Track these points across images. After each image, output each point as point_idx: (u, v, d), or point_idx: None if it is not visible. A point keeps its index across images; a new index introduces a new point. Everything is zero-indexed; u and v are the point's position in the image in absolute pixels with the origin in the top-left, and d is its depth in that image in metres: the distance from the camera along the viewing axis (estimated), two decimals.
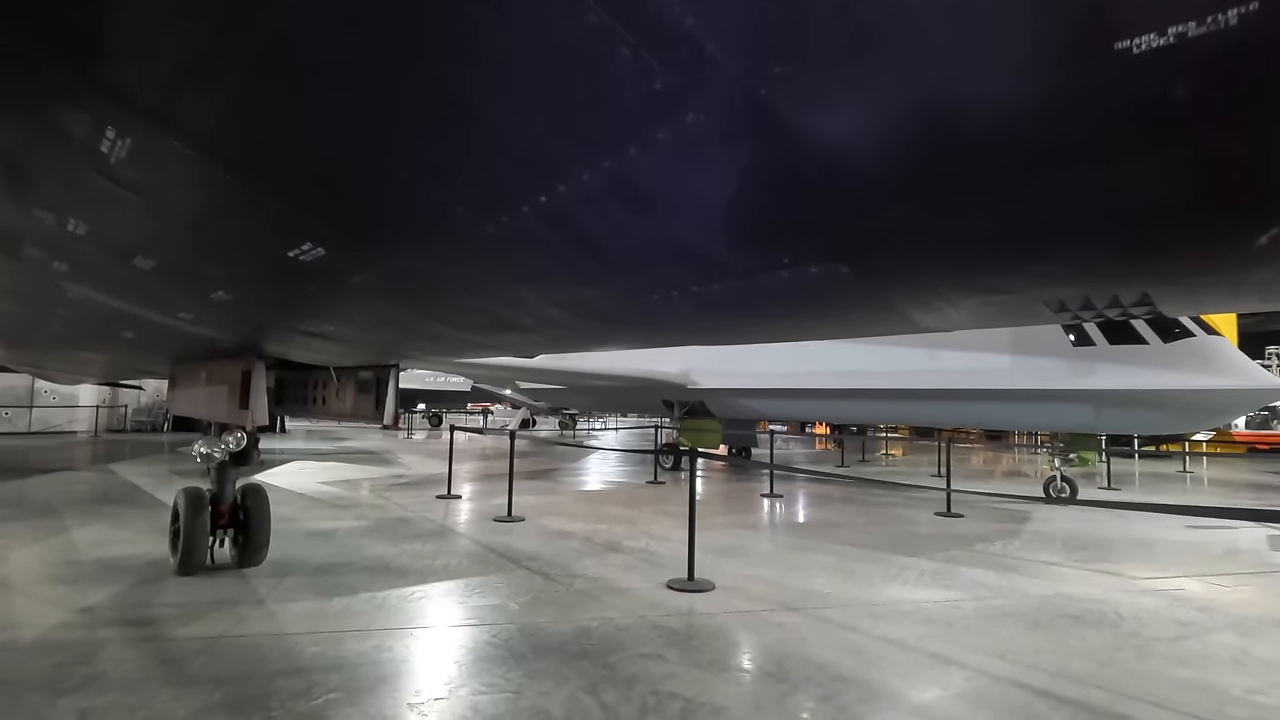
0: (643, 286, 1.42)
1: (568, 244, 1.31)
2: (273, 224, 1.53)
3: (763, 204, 1.05)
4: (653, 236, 1.22)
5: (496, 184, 1.18)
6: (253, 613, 4.12)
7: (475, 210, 1.28)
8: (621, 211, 1.16)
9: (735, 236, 1.14)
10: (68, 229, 1.90)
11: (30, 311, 3.63)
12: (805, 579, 5.33)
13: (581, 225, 1.23)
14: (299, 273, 1.79)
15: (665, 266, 1.31)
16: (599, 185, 1.10)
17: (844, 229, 1.04)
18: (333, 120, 1.13)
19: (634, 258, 1.31)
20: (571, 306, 1.67)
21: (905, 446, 22.44)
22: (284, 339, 2.89)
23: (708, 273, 1.29)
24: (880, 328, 1.58)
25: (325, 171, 1.26)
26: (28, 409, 18.55)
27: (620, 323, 1.81)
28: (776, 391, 12.05)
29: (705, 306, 1.46)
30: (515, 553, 5.97)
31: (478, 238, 1.36)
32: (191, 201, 1.54)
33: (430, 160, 1.17)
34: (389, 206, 1.32)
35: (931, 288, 1.18)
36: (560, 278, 1.48)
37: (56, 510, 7.43)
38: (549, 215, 1.22)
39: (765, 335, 2.14)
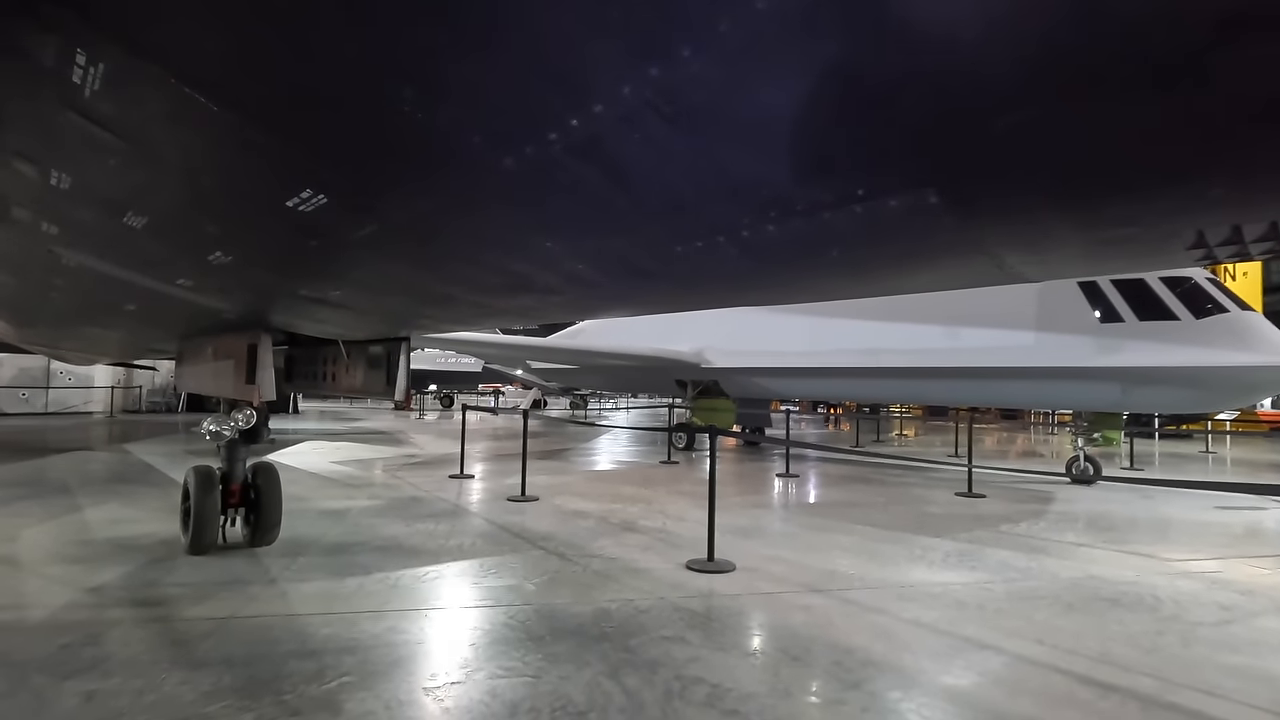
0: (684, 231, 1.25)
1: (600, 177, 1.14)
2: (267, 167, 1.36)
3: (839, 117, 0.88)
4: (701, 166, 1.05)
5: (521, 104, 1.01)
6: (264, 593, 4.03)
7: (495, 139, 1.10)
8: (665, 134, 0.99)
9: (801, 162, 0.96)
10: (51, 183, 1.75)
11: (28, 283, 3.50)
12: (827, 560, 5.19)
13: (617, 153, 1.06)
14: (300, 226, 1.63)
15: (713, 204, 1.13)
16: (639, 99, 0.93)
17: (940, 145, 0.86)
18: (325, 29, 0.96)
19: (676, 194, 1.13)
20: (599, 259, 1.50)
21: (919, 426, 22.21)
22: (289, 308, 2.74)
23: (763, 211, 1.11)
24: (960, 277, 1.40)
25: (322, 96, 1.09)
26: (44, 390, 18.67)
27: (653, 278, 1.63)
28: (792, 371, 11.86)
29: (756, 254, 1.29)
30: (530, 532, 5.87)
31: (496, 174, 1.19)
32: (177, 142, 1.38)
33: (442, 77, 1.00)
34: (395, 138, 1.15)
35: (1039, 223, 1.00)
36: (589, 222, 1.31)
37: (71, 489, 7.40)
38: (580, 142, 1.05)
39: (818, 291, 1.96)
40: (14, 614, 3.60)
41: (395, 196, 1.36)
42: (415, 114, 1.09)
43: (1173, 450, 16.14)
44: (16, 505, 6.49)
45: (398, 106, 1.08)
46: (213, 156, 1.40)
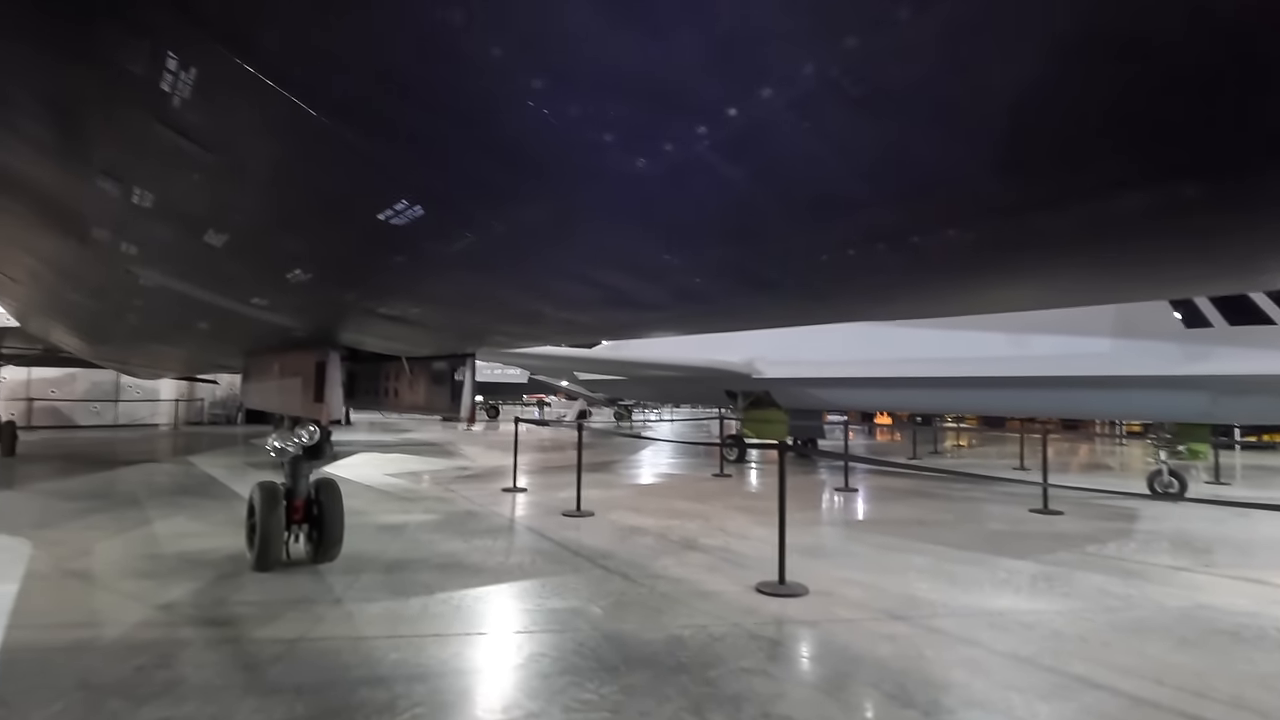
0: (837, 237, 1.08)
1: (747, 178, 0.98)
2: (363, 176, 1.25)
3: (1080, 94, 0.70)
4: (886, 159, 0.88)
5: (673, 94, 0.86)
6: (330, 613, 3.97)
7: (633, 136, 0.96)
8: (849, 121, 0.82)
9: (1028, 151, 0.79)
10: (133, 201, 1.68)
11: (104, 303, 3.53)
12: (904, 583, 4.90)
13: (779, 148, 0.90)
14: (388, 241, 1.52)
15: (887, 204, 0.96)
16: (822, 79, 0.77)
17: (1226, 122, 0.68)
18: (448, 18, 0.83)
19: (841, 194, 0.96)
20: (720, 271, 1.34)
21: (975, 437, 21.38)
22: (362, 325, 2.67)
23: (953, 211, 0.94)
24: (1189, 286, 1.19)
25: (438, 91, 0.96)
26: (114, 403, 19.47)
27: (776, 290, 1.46)
28: (847, 381, 11.49)
29: (927, 263, 1.11)
30: (589, 550, 5.72)
31: (625, 178, 1.05)
32: (268, 153, 1.28)
33: (580, 65, 0.86)
34: (514, 139, 1.02)
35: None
36: (721, 231, 1.16)
37: (140, 502, 7.59)
38: (736, 135, 0.89)
39: (982, 302, 1.75)
40: (90, 631, 3.61)
41: (502, 205, 1.23)
42: (542, 110, 0.95)
43: (1258, 462, 15.11)
44: (91, 518, 6.66)
45: (523, 102, 0.94)
46: (305, 166, 1.29)
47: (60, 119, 1.44)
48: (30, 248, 2.78)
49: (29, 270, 3.34)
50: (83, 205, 1.95)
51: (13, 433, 12.08)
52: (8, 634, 3.55)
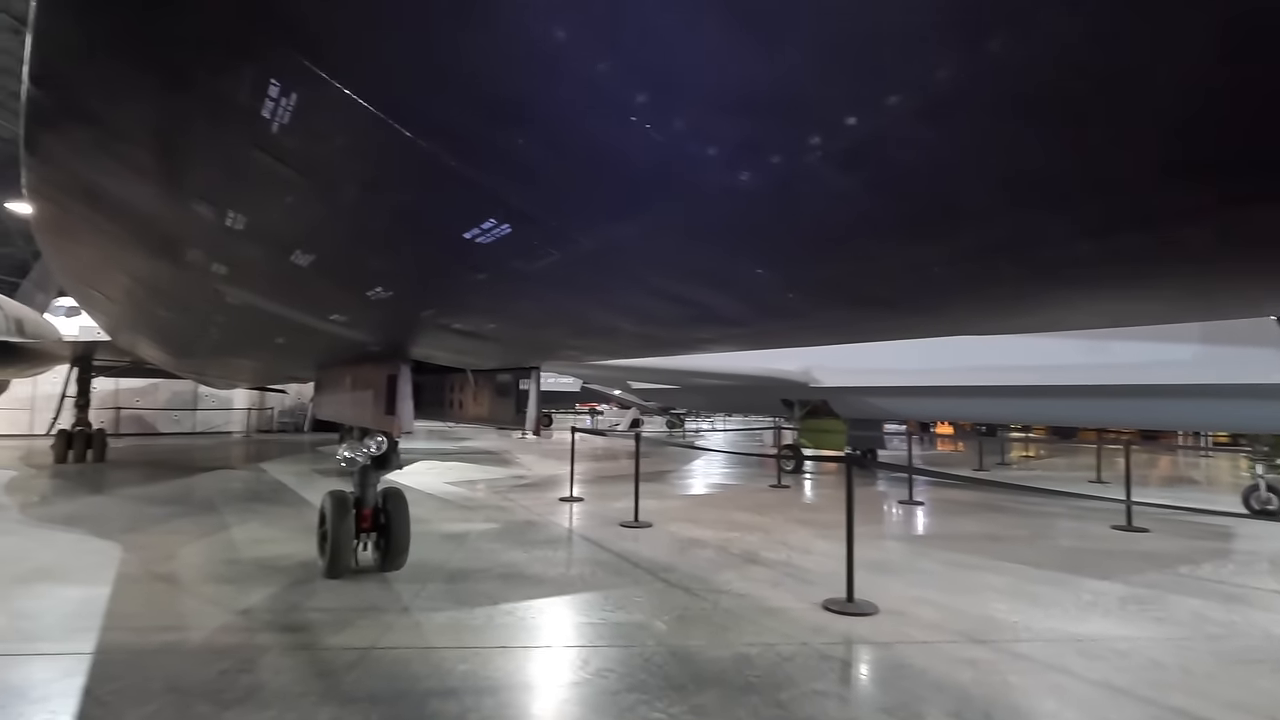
0: (962, 249, 1.01)
1: (864, 191, 0.93)
2: (453, 195, 1.24)
3: None
4: (1016, 163, 0.81)
5: (796, 101, 0.81)
6: (399, 621, 4.03)
7: (740, 149, 0.91)
8: (997, 126, 0.76)
9: (1187, 144, 0.71)
10: (226, 223, 1.73)
11: (190, 319, 3.70)
12: (980, 603, 4.67)
13: (907, 156, 0.84)
14: (471, 259, 1.52)
15: (1025, 217, 0.89)
16: (970, 76, 0.71)
17: None
18: (554, 34, 0.81)
19: (971, 204, 0.90)
20: (821, 288, 1.28)
21: (1044, 448, 20.42)
22: (435, 340, 2.70)
23: (1109, 219, 0.86)
24: None
25: (533, 107, 0.94)
26: (192, 411, 20.52)
27: (879, 306, 1.39)
28: (910, 390, 11.14)
29: (1066, 277, 1.03)
30: (649, 562, 5.67)
31: (728, 192, 1.00)
32: (359, 175, 1.29)
33: (686, 82, 0.82)
34: (614, 153, 0.99)
35: None
36: (829, 247, 1.10)
37: (217, 508, 7.93)
38: (860, 143, 0.84)
39: (1102, 316, 1.64)
40: (177, 635, 3.77)
41: (594, 222, 1.20)
42: (645, 125, 0.92)
43: None
44: (174, 523, 6.99)
45: (627, 117, 0.91)
46: (395, 187, 1.30)
47: (161, 146, 1.49)
48: (127, 268, 2.92)
49: (124, 289, 3.52)
50: (178, 228, 2.02)
51: (103, 440, 12.84)
52: (104, 635, 3.73)
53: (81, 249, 3.05)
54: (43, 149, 1.91)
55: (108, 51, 1.20)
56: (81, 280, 4.01)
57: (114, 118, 1.47)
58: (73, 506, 7.97)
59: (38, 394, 17.09)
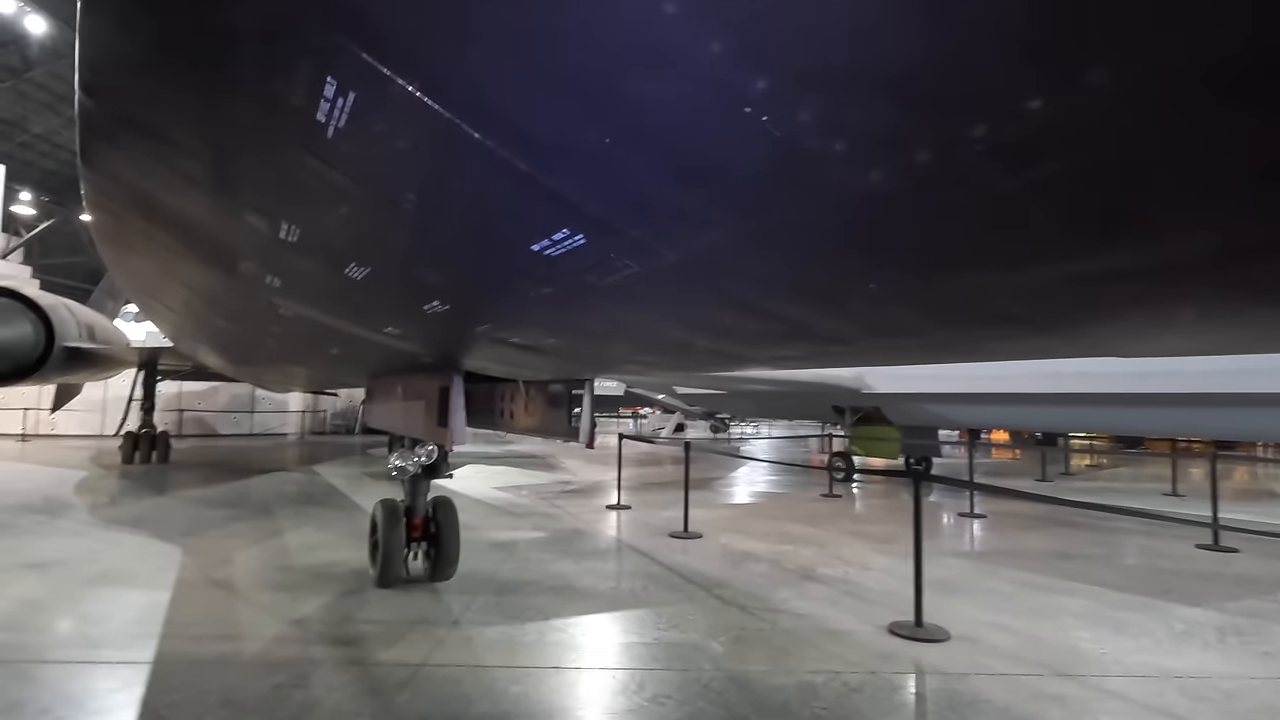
0: (1154, 263, 0.83)
1: (1029, 196, 0.75)
2: (525, 204, 1.12)
3: None
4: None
5: (933, 90, 0.65)
6: (450, 636, 3.96)
7: (876, 145, 0.75)
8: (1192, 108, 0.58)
9: None
10: (280, 235, 1.65)
11: (245, 330, 3.70)
12: (1061, 631, 4.35)
13: (1080, 139, 0.66)
14: (537, 272, 1.39)
15: (1245, 223, 0.71)
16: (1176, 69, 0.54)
17: None
18: (654, 27, 0.67)
19: (1185, 207, 0.72)
20: (950, 302, 1.11)
21: (1106, 457, 19.42)
22: (491, 353, 2.60)
23: None
24: None
25: (626, 97, 0.80)
26: (250, 414, 21.20)
27: (1029, 325, 1.20)
28: (970, 396, 10.67)
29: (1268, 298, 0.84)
30: (702, 577, 5.50)
31: (849, 196, 0.84)
32: (424, 184, 1.17)
33: (822, 64, 0.67)
34: (717, 150, 0.84)
35: None
36: (970, 256, 0.93)
37: (272, 511, 8.07)
38: (1018, 140, 0.67)
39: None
40: (232, 645, 3.77)
41: (684, 231, 1.06)
42: (761, 117, 0.76)
43: None
44: (231, 526, 7.13)
45: (740, 109, 0.76)
46: (463, 197, 1.18)
47: (215, 154, 1.41)
48: (183, 279, 2.91)
49: (181, 299, 3.54)
50: (232, 240, 1.96)
51: (167, 442, 13.31)
52: (163, 643, 3.75)
53: (140, 260, 3.06)
54: (98, 160, 1.87)
55: (157, 55, 1.12)
56: (142, 290, 4.07)
57: (166, 125, 1.39)
58: (137, 508, 8.23)
59: (108, 397, 17.88)
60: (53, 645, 3.71)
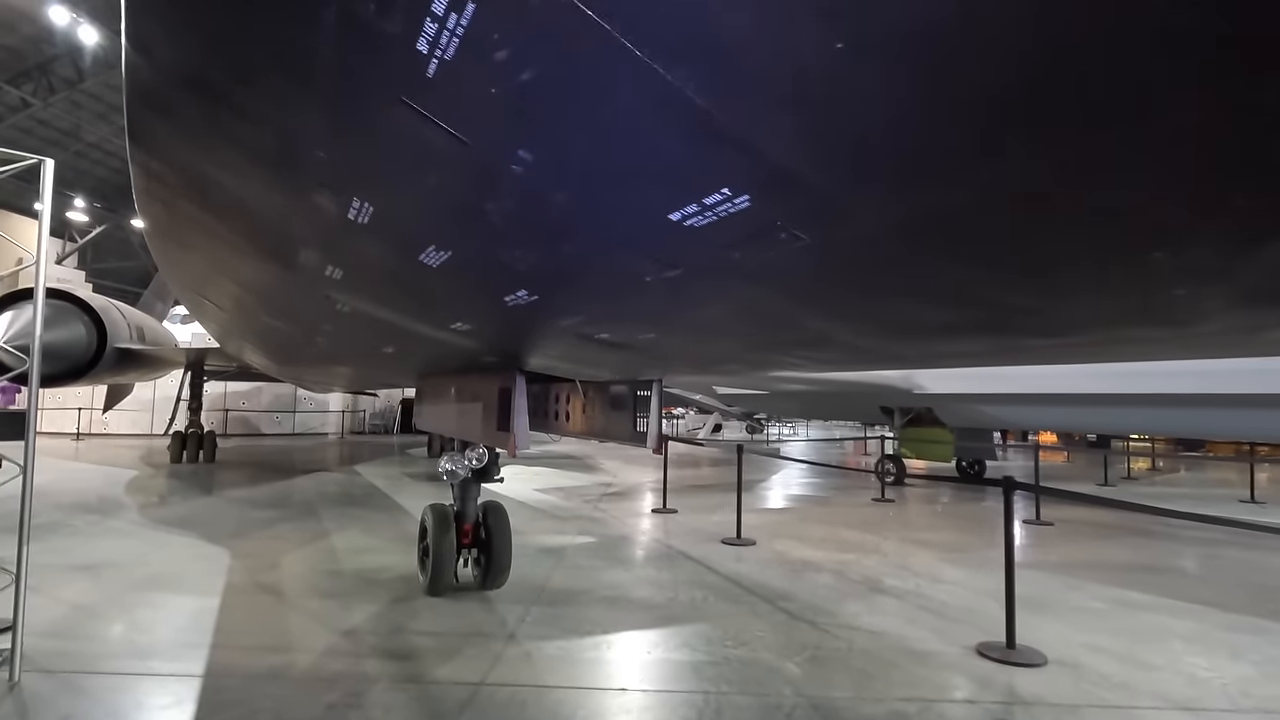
0: None
1: None
2: (656, 171, 0.87)
3: None
4: None
5: None
6: (507, 652, 3.74)
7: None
8: None
9: None
10: (349, 216, 1.42)
11: (296, 328, 3.53)
12: (1169, 656, 3.96)
13: None
14: (670, 249, 1.14)
15: None
16: None
17: None
18: None
19: None
20: (1123, 296, 0.87)
21: (1165, 460, 18.49)
22: (567, 350, 2.36)
23: None
24: None
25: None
26: (292, 414, 21.49)
27: (1188, 325, 0.97)
28: (1027, 397, 10.15)
29: None
30: (763, 588, 5.21)
31: (1011, 179, 0.59)
32: (550, 133, 0.92)
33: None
34: (886, 127, 0.60)
35: None
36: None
37: (316, 512, 8.01)
38: None
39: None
40: (284, 657, 3.60)
41: (830, 216, 0.81)
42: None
43: None
44: (277, 528, 7.06)
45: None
46: (594, 156, 0.93)
47: (292, 119, 1.19)
48: (238, 276, 2.74)
49: (232, 296, 3.39)
50: (294, 225, 1.75)
51: (213, 442, 13.47)
52: (214, 654, 3.61)
53: (190, 255, 2.90)
54: (149, 136, 1.67)
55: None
56: (191, 287, 3.94)
57: (232, 80, 1.17)
58: (185, 508, 8.24)
59: (157, 396, 18.27)
60: (103, 655, 3.59)
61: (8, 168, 3.61)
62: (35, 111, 24.31)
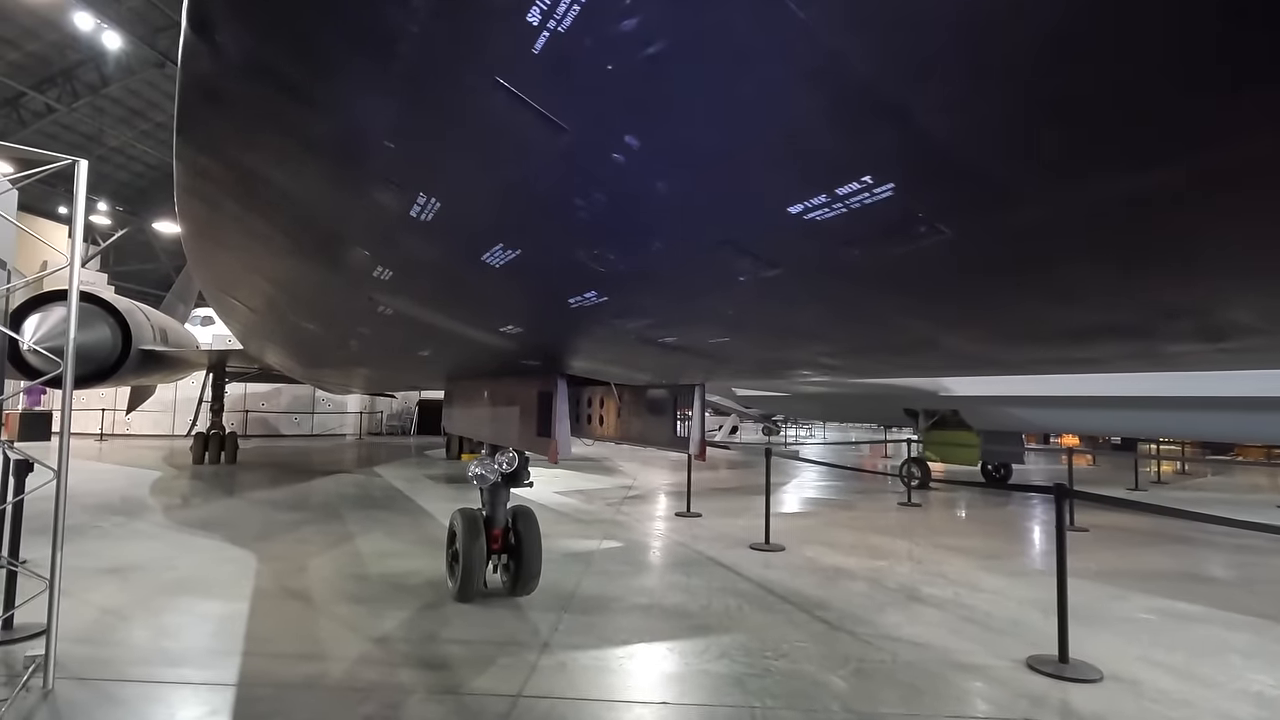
0: None
1: None
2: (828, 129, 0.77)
3: None
4: None
5: None
6: (542, 662, 3.65)
7: None
8: None
9: None
10: (411, 213, 1.33)
11: (331, 331, 3.46)
12: (1230, 671, 3.79)
13: None
14: (766, 248, 1.04)
15: None
16: None
17: None
18: None
19: None
20: None
21: (1191, 463, 18.07)
22: (617, 355, 2.26)
23: None
24: None
25: None
26: (310, 415, 21.58)
27: None
28: (1061, 400, 9.93)
29: None
30: (796, 596, 5.08)
31: None
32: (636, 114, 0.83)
33: None
34: None
35: None
36: None
37: (340, 515, 7.97)
38: None
39: None
40: (317, 666, 3.53)
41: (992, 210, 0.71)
42: None
43: None
44: (301, 530, 7.02)
45: None
46: (678, 149, 0.83)
47: (360, 102, 1.10)
48: (275, 276, 2.67)
49: (265, 296, 3.32)
50: (349, 225, 1.66)
51: (235, 443, 13.52)
52: (245, 662, 3.55)
53: (226, 255, 2.83)
54: (201, 126, 1.59)
55: None
56: (221, 288, 3.89)
57: (297, 64, 1.08)
58: (209, 510, 8.24)
59: (179, 398, 18.40)
60: (134, 661, 3.54)
61: (43, 169, 3.57)
62: (59, 117, 24.63)
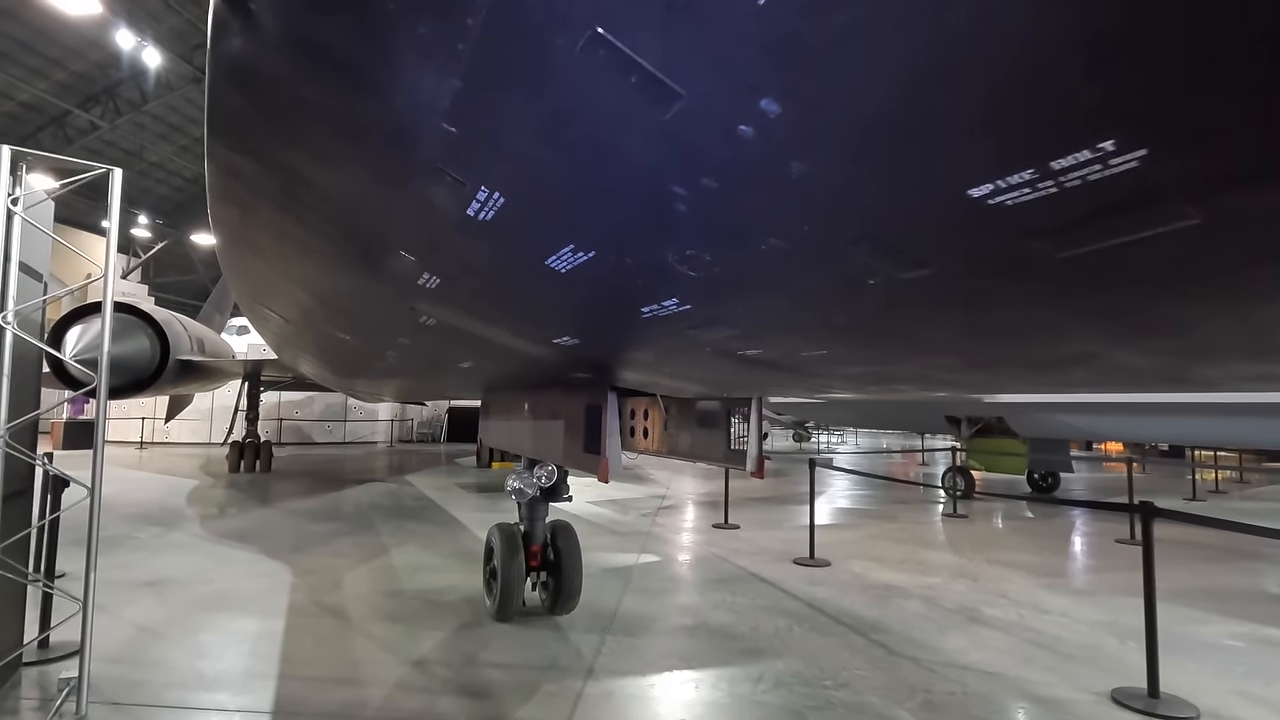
0: None
1: None
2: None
3: None
4: None
5: None
6: (589, 690, 3.46)
7: None
8: None
9: None
10: (468, 212, 1.16)
11: (368, 341, 3.33)
12: None
13: None
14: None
15: None
16: None
17: None
18: None
19: None
20: None
21: (1245, 473, 17.23)
22: (682, 369, 2.06)
23: None
24: None
25: None
26: (343, 423, 21.76)
27: None
28: (1115, 406, 9.47)
29: None
30: (849, 616, 4.82)
31: None
32: None
33: None
34: None
35: None
36: None
37: (373, 526, 7.89)
38: None
39: None
40: (355, 692, 3.38)
41: None
42: None
43: None
44: (335, 543, 6.94)
45: None
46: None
47: (413, 110, 0.94)
48: (311, 284, 2.53)
49: (300, 306, 3.20)
50: (393, 228, 1.50)
51: (270, 452, 13.62)
52: (281, 685, 3.42)
53: (260, 263, 2.71)
54: (231, 123, 1.44)
55: None
56: (255, 298, 3.79)
57: (342, 40, 0.92)
58: (244, 520, 8.22)
59: (215, 406, 18.67)
60: (170, 684, 3.43)
61: (78, 178, 3.52)
62: (103, 134, 25.32)
